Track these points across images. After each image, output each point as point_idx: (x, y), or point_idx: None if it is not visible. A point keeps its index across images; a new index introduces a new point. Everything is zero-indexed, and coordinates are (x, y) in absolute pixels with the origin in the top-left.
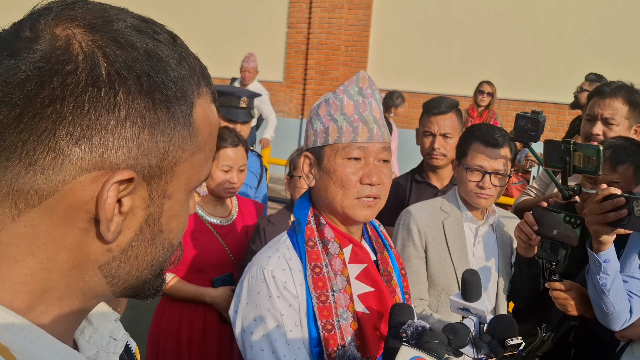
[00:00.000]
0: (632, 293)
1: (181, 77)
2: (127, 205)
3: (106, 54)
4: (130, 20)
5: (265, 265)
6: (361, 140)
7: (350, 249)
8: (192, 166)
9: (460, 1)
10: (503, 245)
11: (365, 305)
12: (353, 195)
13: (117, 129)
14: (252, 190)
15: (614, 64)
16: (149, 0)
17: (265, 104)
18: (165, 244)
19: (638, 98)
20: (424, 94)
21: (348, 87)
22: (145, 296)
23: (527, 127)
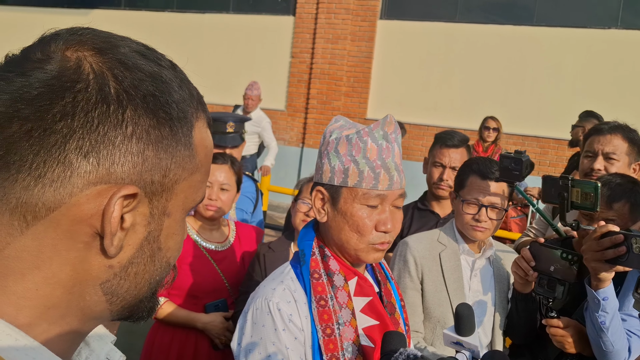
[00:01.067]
0: (630, 332)
1: (183, 100)
2: (129, 222)
3: (115, 74)
4: (135, 46)
5: (271, 298)
6: (381, 188)
7: (355, 281)
8: (190, 185)
9: (462, 37)
10: (500, 280)
11: (370, 338)
12: (367, 241)
13: (123, 144)
14: (247, 215)
15: (612, 103)
16: (156, 30)
17: (266, 131)
18: (162, 263)
19: (636, 136)
20: (424, 126)
21: (373, 130)
22: (139, 317)
23: (511, 167)
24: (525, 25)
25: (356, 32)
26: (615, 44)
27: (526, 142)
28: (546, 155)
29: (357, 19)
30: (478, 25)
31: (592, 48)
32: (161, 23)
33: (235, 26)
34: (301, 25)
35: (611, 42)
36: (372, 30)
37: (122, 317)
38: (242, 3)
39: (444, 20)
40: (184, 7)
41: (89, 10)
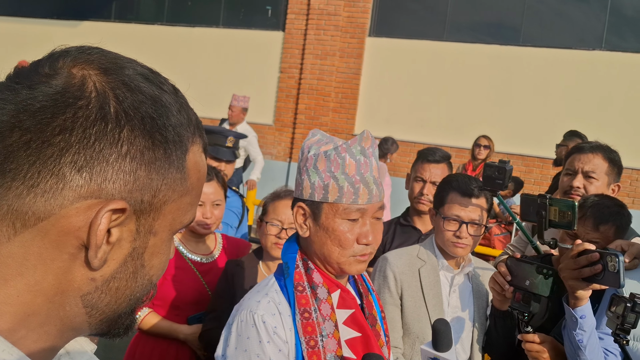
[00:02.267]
0: (607, 350)
1: (180, 124)
2: (116, 236)
3: (116, 94)
4: (140, 69)
5: (256, 310)
6: (361, 203)
7: (338, 294)
8: (178, 207)
9: (450, 56)
10: (479, 295)
11: (352, 350)
12: (349, 254)
13: (117, 162)
14: (232, 230)
15: (596, 123)
16: (146, 43)
17: (252, 145)
18: (145, 280)
19: (616, 157)
20: (411, 143)
21: (351, 146)
22: (116, 333)
23: (495, 176)
24: (512, 45)
25: (345, 49)
26: (600, 65)
27: (511, 160)
28: (531, 173)
29: (346, 36)
30: (466, 44)
31: (577, 69)
32: (151, 36)
33: (225, 40)
34: (290, 40)
35: (596, 63)
36: (360, 47)
37: (100, 332)
38: (232, 17)
39: (432, 39)
40: (174, 21)
41: (79, 22)
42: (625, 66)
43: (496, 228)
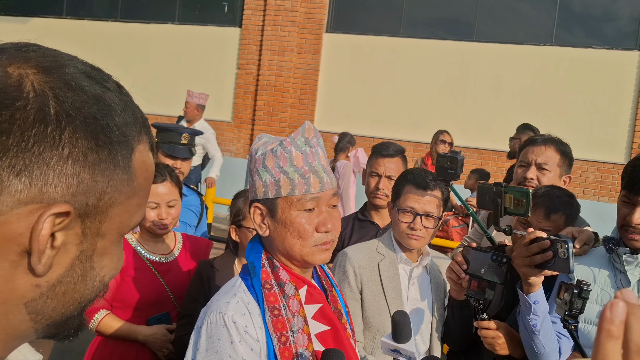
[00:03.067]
0: (560, 334)
1: (125, 123)
2: (60, 240)
3: (56, 94)
4: (81, 66)
5: (225, 311)
6: (314, 191)
7: (306, 289)
8: (125, 210)
9: (406, 51)
10: (437, 287)
11: (322, 344)
12: (311, 244)
13: (58, 165)
14: (191, 229)
15: (548, 116)
16: (99, 40)
17: (211, 142)
18: (95, 282)
19: (567, 149)
20: (370, 138)
21: (295, 138)
22: (65, 336)
23: (447, 166)
24: (466, 41)
25: (302, 45)
26: (550, 59)
27: (467, 153)
28: (486, 166)
29: (303, 32)
30: (421, 40)
31: (529, 63)
32: (104, 33)
33: (181, 37)
34: (247, 36)
35: (546, 57)
36: (318, 43)
37: (48, 335)
38: (187, 14)
39: (389, 35)
40: (128, 17)
41: (28, 19)
42: (574, 61)
43: (454, 220)
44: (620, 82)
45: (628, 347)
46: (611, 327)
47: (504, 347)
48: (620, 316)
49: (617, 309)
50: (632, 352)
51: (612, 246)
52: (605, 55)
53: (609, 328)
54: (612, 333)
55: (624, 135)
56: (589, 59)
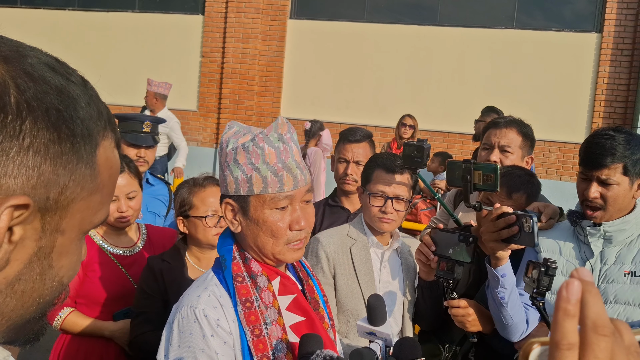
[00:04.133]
0: (528, 305)
1: (89, 117)
2: (18, 235)
3: (17, 84)
4: (45, 58)
5: (196, 305)
6: (287, 190)
7: (279, 280)
8: (87, 206)
9: (370, 36)
10: (408, 269)
11: (297, 335)
12: (283, 242)
13: (18, 156)
14: (160, 219)
15: (511, 98)
16: (57, 30)
17: (175, 131)
18: (54, 282)
19: (529, 130)
20: (337, 124)
21: (267, 134)
22: (25, 340)
23: (414, 155)
24: (430, 25)
25: (267, 32)
26: (512, 42)
27: (433, 137)
28: (452, 149)
29: (267, 18)
30: (385, 25)
31: (492, 47)
32: (62, 22)
33: (142, 25)
34: (210, 24)
35: (508, 41)
36: (282, 30)
37: (7, 339)
38: (148, 1)
39: (353, 20)
40: (86, 6)
41: None
42: (535, 43)
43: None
44: (580, 64)
45: (584, 324)
46: (567, 306)
47: (474, 323)
48: (576, 295)
49: (573, 287)
50: (588, 328)
51: (576, 219)
52: (565, 38)
53: (565, 307)
54: (569, 311)
55: (583, 115)
56: (549, 42)
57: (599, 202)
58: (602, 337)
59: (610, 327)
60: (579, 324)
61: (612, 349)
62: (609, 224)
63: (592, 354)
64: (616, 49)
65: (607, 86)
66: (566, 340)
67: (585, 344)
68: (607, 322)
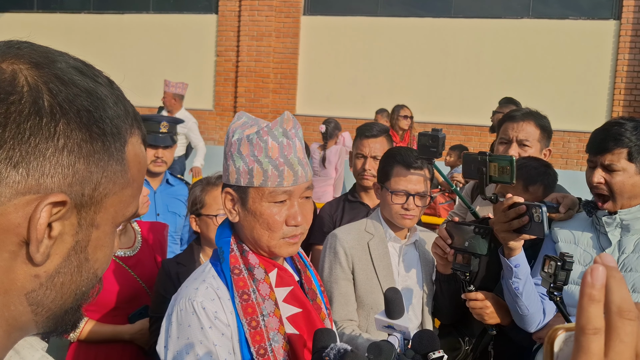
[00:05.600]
0: (544, 295)
1: (117, 116)
2: (57, 230)
3: (50, 88)
4: (73, 62)
5: (194, 297)
6: (287, 185)
7: (276, 273)
8: (120, 200)
9: (384, 30)
10: (425, 262)
11: (294, 326)
12: (279, 236)
13: (54, 156)
14: (181, 219)
15: (528, 89)
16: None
17: (193, 132)
18: (90, 274)
19: (546, 122)
20: (353, 120)
21: (272, 128)
22: (64, 330)
23: (429, 144)
24: (445, 17)
25: (280, 29)
26: (529, 32)
27: (450, 130)
28: (470, 142)
29: (280, 15)
30: (399, 18)
31: (507, 37)
32: (78, 25)
33: (157, 26)
34: (224, 23)
35: (524, 31)
36: (296, 27)
37: (47, 329)
38: (162, 2)
39: (366, 15)
40: (101, 8)
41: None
42: (552, 32)
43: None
44: (598, 52)
45: (609, 309)
46: (592, 291)
47: (492, 316)
48: (600, 280)
49: (597, 273)
50: (613, 313)
51: (591, 209)
52: (583, 26)
53: (590, 292)
54: (594, 297)
55: (603, 104)
56: (567, 30)
57: (603, 189)
58: (628, 322)
59: (635, 312)
60: (604, 309)
61: (638, 333)
62: (624, 211)
63: (617, 338)
64: (635, 35)
65: (627, 74)
66: (592, 325)
67: (611, 328)
68: (632, 306)
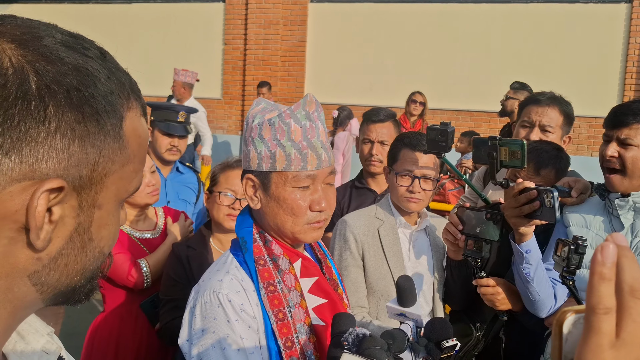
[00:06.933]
0: (556, 280)
1: (110, 91)
2: (57, 214)
3: (36, 68)
4: (60, 36)
5: (219, 290)
6: (310, 169)
7: (300, 263)
8: (121, 177)
9: (392, 16)
10: (436, 249)
11: (320, 317)
12: (303, 222)
13: (47, 140)
14: (190, 206)
15: (538, 73)
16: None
17: (202, 121)
18: (95, 253)
19: (570, 109)
20: (361, 107)
21: (295, 111)
22: (75, 301)
23: (438, 139)
24: (453, 3)
25: (288, 16)
26: (538, 16)
27: (460, 116)
28: (479, 128)
29: (287, 3)
30: (407, 4)
31: (517, 22)
32: (85, 15)
33: (164, 15)
34: (232, 11)
35: (534, 15)
36: (303, 14)
37: (57, 303)
38: None
39: (374, 1)
40: None
41: (7, 6)
42: (562, 16)
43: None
44: (609, 36)
45: (621, 288)
46: (603, 270)
47: (504, 302)
48: (611, 258)
49: (608, 251)
50: (624, 292)
51: (603, 192)
52: (593, 9)
53: (600, 271)
54: (604, 275)
55: (614, 89)
56: (577, 14)
57: (615, 163)
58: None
59: None
60: (615, 288)
61: None
62: (637, 194)
63: (629, 318)
64: None
65: (639, 57)
66: (603, 304)
67: (623, 308)
68: None
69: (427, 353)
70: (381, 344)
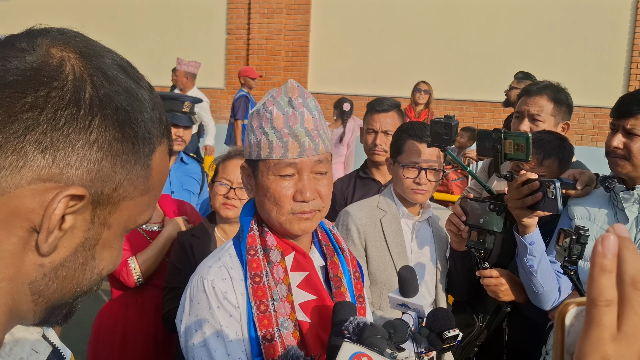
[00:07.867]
0: (560, 273)
1: (152, 121)
2: (69, 223)
3: (93, 81)
4: (119, 60)
5: (206, 276)
6: (292, 157)
7: (293, 256)
8: (136, 205)
9: (397, 6)
10: (439, 239)
11: (306, 313)
12: (287, 212)
13: (83, 149)
14: (195, 196)
15: (543, 63)
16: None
17: (205, 111)
18: (93, 274)
19: (563, 96)
20: (364, 97)
21: (277, 97)
22: (55, 322)
23: (442, 132)
24: None
25: (291, 6)
26: (544, 7)
27: (464, 107)
28: (484, 118)
29: None
30: None
31: (522, 12)
32: (88, 6)
33: (167, 5)
34: (235, 0)
35: (538, 5)
36: (307, 3)
37: (42, 321)
38: None
39: None
40: None
41: None
42: (568, 6)
43: (453, 174)
44: (614, 26)
45: (622, 280)
46: (604, 261)
47: (507, 293)
48: (612, 249)
49: (609, 242)
50: (626, 284)
51: (608, 184)
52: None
53: (601, 262)
54: (605, 267)
55: (619, 79)
56: (582, 4)
57: (620, 154)
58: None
59: None
60: (616, 280)
61: None
62: None
63: (631, 310)
64: None
65: None
66: (603, 296)
67: (624, 300)
68: None
69: (428, 343)
70: (382, 333)
